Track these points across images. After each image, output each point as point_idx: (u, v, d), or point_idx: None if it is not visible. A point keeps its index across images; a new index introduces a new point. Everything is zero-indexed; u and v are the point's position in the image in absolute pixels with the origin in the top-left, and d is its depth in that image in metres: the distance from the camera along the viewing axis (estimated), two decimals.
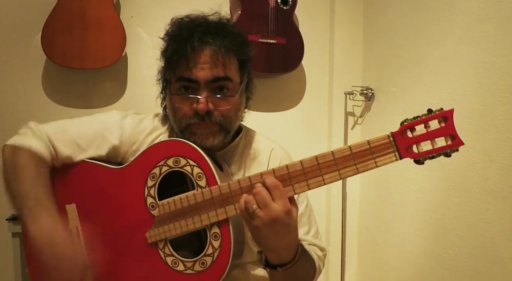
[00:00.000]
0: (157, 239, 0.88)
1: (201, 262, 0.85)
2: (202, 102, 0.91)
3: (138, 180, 0.91)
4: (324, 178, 0.79)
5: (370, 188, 2.40)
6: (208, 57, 0.91)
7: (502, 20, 1.48)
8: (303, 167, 0.80)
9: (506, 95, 1.46)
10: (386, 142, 0.77)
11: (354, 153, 0.78)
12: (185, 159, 0.87)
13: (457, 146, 0.76)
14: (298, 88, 2.53)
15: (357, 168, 0.78)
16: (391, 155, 0.78)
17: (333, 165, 0.78)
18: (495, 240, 1.50)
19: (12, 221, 1.82)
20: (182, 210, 0.86)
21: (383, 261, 2.25)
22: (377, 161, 0.78)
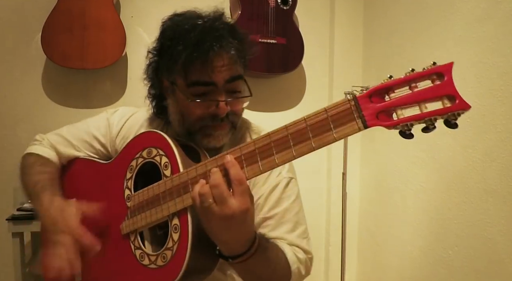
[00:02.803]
0: (129, 230, 0.87)
1: (162, 256, 0.80)
2: (223, 107, 0.89)
3: (120, 173, 0.92)
4: (276, 158, 0.67)
5: (370, 188, 2.40)
6: (226, 60, 0.90)
7: (502, 20, 1.48)
8: (256, 147, 0.70)
9: (506, 95, 1.46)
10: (346, 108, 0.62)
11: (310, 125, 0.65)
12: (156, 149, 0.86)
13: (459, 109, 0.56)
14: (298, 88, 2.53)
15: (312, 142, 0.64)
16: (352, 123, 0.61)
17: (286, 142, 0.66)
18: (495, 240, 1.50)
19: (12, 221, 1.82)
20: (148, 200, 0.84)
21: (383, 261, 2.25)
22: (335, 132, 0.62)
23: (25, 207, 1.89)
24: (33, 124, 2.19)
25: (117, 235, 0.89)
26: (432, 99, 0.57)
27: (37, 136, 1.13)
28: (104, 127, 1.06)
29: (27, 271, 1.94)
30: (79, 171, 1.05)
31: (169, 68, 0.94)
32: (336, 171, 2.44)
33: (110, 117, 1.08)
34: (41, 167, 1.02)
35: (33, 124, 2.19)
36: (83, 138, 1.07)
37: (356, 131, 0.62)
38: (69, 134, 1.08)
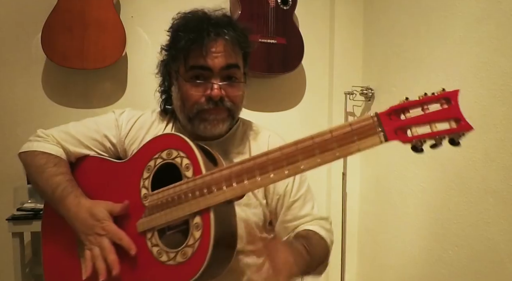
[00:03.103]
0: (146, 228, 0.89)
1: (182, 253, 0.83)
2: (217, 88, 0.96)
3: (136, 173, 0.94)
4: (302, 164, 0.74)
5: (370, 188, 2.40)
6: (221, 47, 0.97)
7: (502, 20, 1.48)
8: (282, 153, 0.76)
9: (506, 95, 1.46)
10: (369, 123, 0.70)
11: (335, 137, 0.73)
12: (176, 151, 0.89)
13: (464, 130, 0.65)
14: (298, 88, 2.53)
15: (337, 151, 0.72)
16: (375, 136, 0.69)
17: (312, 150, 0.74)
18: (495, 240, 1.50)
19: (12, 221, 1.83)
20: (169, 199, 0.87)
21: (383, 261, 2.25)
22: (359, 143, 0.70)
23: (25, 207, 1.90)
24: (33, 124, 2.19)
25: (133, 233, 0.91)
26: (441, 120, 0.66)
27: (39, 132, 1.09)
28: (114, 128, 1.07)
29: (27, 271, 1.94)
30: (91, 169, 1.04)
31: (173, 56, 1.02)
32: (336, 171, 2.44)
33: (118, 118, 1.09)
34: (56, 168, 1.00)
35: (33, 124, 2.19)
36: (94, 137, 1.06)
37: (377, 144, 0.70)
38: (78, 133, 1.06)
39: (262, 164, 0.78)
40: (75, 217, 0.94)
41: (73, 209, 0.94)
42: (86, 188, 1.01)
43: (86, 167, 1.05)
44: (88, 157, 1.06)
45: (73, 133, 1.06)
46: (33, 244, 2.15)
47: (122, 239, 0.89)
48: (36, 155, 1.03)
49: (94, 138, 1.06)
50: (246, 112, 1.11)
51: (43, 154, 1.03)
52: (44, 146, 1.04)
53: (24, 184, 1.99)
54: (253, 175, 0.78)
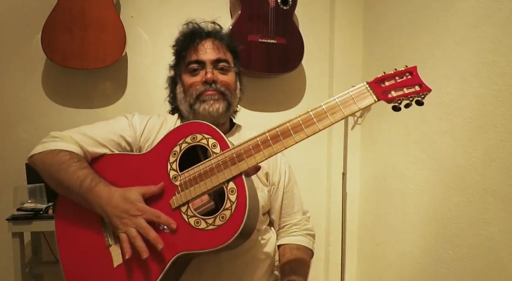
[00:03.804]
0: (180, 203, 0.98)
1: (221, 216, 0.93)
2: (209, 71, 1.18)
3: (161, 159, 1.03)
4: (318, 125, 0.93)
5: (370, 188, 2.40)
6: (210, 44, 1.21)
7: (502, 20, 1.48)
8: (300, 119, 0.95)
9: (506, 95, 1.46)
10: (363, 89, 0.94)
11: (339, 101, 0.94)
12: (200, 135, 1.01)
13: (425, 91, 0.94)
14: (298, 88, 2.53)
15: (343, 112, 0.93)
16: (369, 97, 0.93)
17: (323, 113, 0.93)
18: (495, 240, 1.50)
19: (12, 221, 1.82)
20: (201, 174, 0.98)
21: (383, 261, 2.25)
22: (358, 103, 0.93)
23: (25, 207, 1.90)
24: (33, 124, 2.19)
25: (167, 210, 0.98)
26: (409, 85, 0.95)
27: (53, 134, 1.13)
28: (129, 129, 1.17)
29: (27, 271, 1.94)
30: (111, 164, 1.09)
31: (177, 62, 1.26)
32: (336, 171, 2.44)
33: (131, 120, 1.19)
34: (79, 163, 1.05)
35: (33, 124, 2.19)
36: (111, 138, 1.13)
37: (372, 103, 0.94)
38: (93, 134, 1.11)
39: (283, 129, 0.95)
40: (108, 202, 0.98)
41: (104, 195, 0.99)
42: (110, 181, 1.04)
43: (105, 163, 1.10)
44: (106, 155, 1.11)
45: (89, 134, 1.11)
46: (33, 244, 2.15)
47: (160, 216, 0.96)
48: (57, 153, 1.06)
49: (111, 138, 1.13)
50: (247, 112, 1.14)
51: (65, 152, 1.06)
52: (64, 145, 1.08)
53: (24, 184, 1.99)
54: (277, 139, 0.95)
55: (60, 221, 1.09)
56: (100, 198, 0.99)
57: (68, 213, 1.08)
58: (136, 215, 0.96)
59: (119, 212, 0.97)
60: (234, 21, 2.24)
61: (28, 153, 1.13)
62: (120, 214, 0.97)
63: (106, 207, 0.98)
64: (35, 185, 1.96)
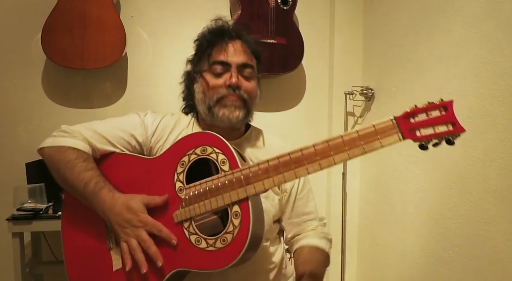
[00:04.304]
0: (183, 218, 0.95)
1: (222, 239, 0.91)
2: (235, 76, 1.11)
3: (169, 168, 1.00)
4: (334, 158, 0.87)
5: (370, 188, 2.40)
6: (239, 46, 1.14)
7: (502, 20, 1.48)
8: (315, 149, 0.88)
9: (506, 95, 1.46)
10: (389, 125, 0.85)
11: (361, 135, 0.87)
12: (211, 148, 0.97)
13: (458, 132, 0.81)
14: (298, 88, 2.53)
15: (364, 148, 0.87)
16: (394, 135, 0.85)
17: (342, 146, 0.87)
18: (495, 240, 1.50)
19: (12, 221, 1.82)
20: (206, 191, 0.94)
21: (383, 261, 2.25)
22: (381, 141, 0.86)
23: (25, 207, 1.89)
24: (33, 124, 2.19)
25: (169, 223, 0.96)
26: (441, 124, 0.83)
27: (64, 128, 1.11)
28: (140, 128, 1.13)
29: (27, 271, 1.94)
30: (119, 165, 1.08)
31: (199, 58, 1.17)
32: (336, 171, 2.44)
33: (144, 119, 1.15)
34: (86, 163, 1.03)
35: (33, 124, 2.19)
36: (120, 136, 1.10)
37: (397, 141, 0.85)
38: (104, 131, 1.09)
39: (297, 158, 0.89)
40: (111, 209, 0.97)
41: (108, 201, 0.98)
42: (115, 183, 1.04)
43: (113, 163, 1.08)
44: (115, 154, 1.09)
45: (99, 131, 1.09)
46: (33, 244, 2.15)
47: (161, 230, 0.95)
48: (65, 150, 1.05)
49: (121, 136, 1.10)
50: None
51: (72, 150, 1.05)
52: (72, 141, 1.06)
53: (24, 184, 1.99)
54: (289, 168, 0.89)
55: (66, 220, 1.10)
56: (104, 204, 0.98)
57: (74, 213, 1.09)
58: (138, 226, 0.95)
59: (121, 221, 0.96)
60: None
61: (28, 153, 1.13)
62: (122, 223, 0.96)
63: (108, 213, 0.98)
64: (35, 185, 1.96)
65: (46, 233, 2.15)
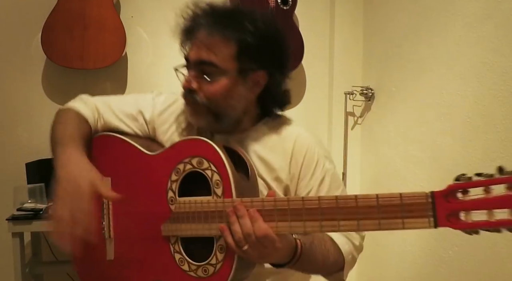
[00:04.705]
0: (170, 234, 0.90)
1: (203, 269, 0.85)
2: (186, 79, 0.94)
3: (165, 171, 0.92)
4: (339, 224, 0.70)
5: (370, 188, 2.40)
6: (199, 39, 0.91)
7: (502, 20, 1.48)
8: (320, 206, 0.72)
9: (506, 95, 1.46)
10: (422, 202, 0.64)
11: (381, 205, 0.66)
12: (208, 162, 0.86)
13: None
14: (298, 88, 2.53)
15: (379, 223, 0.66)
16: (424, 219, 0.63)
17: (353, 213, 0.68)
18: (495, 240, 1.50)
19: (12, 221, 1.82)
20: (195, 213, 0.86)
21: (383, 261, 2.25)
22: (405, 222, 0.64)
23: (25, 207, 1.89)
24: (33, 124, 2.19)
25: (157, 233, 0.91)
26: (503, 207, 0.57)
27: (82, 96, 1.13)
28: (150, 106, 1.08)
29: (27, 271, 1.93)
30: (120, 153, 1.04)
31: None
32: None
33: (155, 98, 1.10)
34: (79, 124, 1.03)
35: (33, 124, 2.19)
36: (129, 112, 1.08)
37: (425, 227, 0.64)
38: (116, 106, 1.09)
39: (296, 210, 0.73)
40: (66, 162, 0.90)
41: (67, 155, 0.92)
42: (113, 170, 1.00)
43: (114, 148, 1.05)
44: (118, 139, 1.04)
45: (112, 106, 1.09)
46: (33, 244, 2.15)
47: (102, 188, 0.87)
48: (68, 111, 1.08)
49: (130, 113, 1.08)
50: None
51: (75, 112, 1.06)
52: (81, 107, 1.08)
53: (24, 184, 1.99)
54: (284, 218, 0.74)
55: None
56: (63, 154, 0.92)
57: None
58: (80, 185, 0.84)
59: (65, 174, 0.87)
60: None
61: (28, 153, 1.14)
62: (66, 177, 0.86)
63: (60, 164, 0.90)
64: (35, 185, 1.96)
65: (46, 233, 2.15)
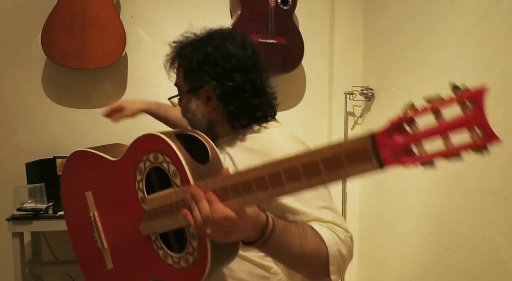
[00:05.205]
0: (148, 232, 0.90)
1: (184, 260, 0.85)
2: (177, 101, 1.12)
3: (130, 174, 0.93)
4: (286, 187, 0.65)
5: (370, 188, 2.40)
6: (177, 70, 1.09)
7: (502, 20, 1.48)
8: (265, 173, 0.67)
9: (506, 95, 1.46)
10: (362, 145, 0.58)
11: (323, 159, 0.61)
12: (162, 155, 0.86)
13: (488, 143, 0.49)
14: (298, 88, 2.53)
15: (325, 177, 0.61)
16: (366, 163, 0.58)
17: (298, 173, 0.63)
18: (495, 240, 1.50)
19: (12, 221, 1.82)
20: (163, 207, 0.85)
21: (383, 261, 2.25)
22: (348, 169, 0.59)
23: (25, 207, 1.89)
24: (33, 124, 2.19)
25: (139, 235, 0.92)
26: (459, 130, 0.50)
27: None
28: None
29: (27, 271, 1.94)
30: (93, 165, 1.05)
31: None
32: None
33: None
34: None
35: (33, 124, 2.19)
36: None
37: (371, 170, 0.59)
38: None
39: (246, 183, 0.69)
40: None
41: None
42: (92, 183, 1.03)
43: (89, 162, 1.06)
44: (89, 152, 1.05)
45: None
46: (33, 244, 2.15)
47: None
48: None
49: None
50: None
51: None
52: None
53: (24, 184, 1.99)
54: (238, 194, 0.70)
55: (66, 218, 1.14)
56: None
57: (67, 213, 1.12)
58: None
59: None
60: (234, 21, 2.24)
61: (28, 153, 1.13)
62: None
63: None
64: (35, 185, 1.96)
65: (46, 233, 2.15)
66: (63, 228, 1.17)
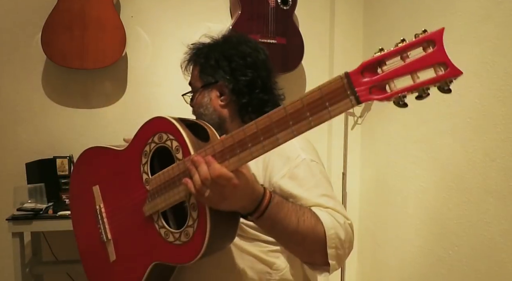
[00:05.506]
0: (151, 212, 0.92)
1: (185, 234, 0.87)
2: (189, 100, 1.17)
3: (135, 159, 0.97)
4: (278, 137, 0.71)
5: (370, 188, 2.40)
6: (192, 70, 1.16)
7: (502, 20, 1.48)
8: (258, 129, 0.74)
9: (506, 95, 1.46)
10: (339, 85, 0.64)
11: (306, 104, 0.67)
12: (165, 134, 0.90)
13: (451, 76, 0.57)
14: (298, 88, 2.53)
15: (310, 121, 0.68)
16: (346, 101, 0.63)
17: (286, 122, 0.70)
18: (495, 240, 1.50)
19: (12, 221, 1.82)
20: (166, 183, 0.89)
21: (383, 261, 2.25)
22: (331, 110, 0.65)
23: (25, 207, 1.89)
24: (33, 124, 2.19)
25: (142, 218, 0.95)
26: (424, 68, 0.57)
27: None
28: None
29: (27, 271, 1.94)
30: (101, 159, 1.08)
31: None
32: (336, 171, 2.44)
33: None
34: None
35: (33, 124, 2.19)
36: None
37: (350, 107, 0.64)
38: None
39: (241, 141, 0.76)
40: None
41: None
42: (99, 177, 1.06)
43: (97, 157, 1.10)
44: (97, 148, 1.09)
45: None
46: (33, 244, 2.15)
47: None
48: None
49: None
50: None
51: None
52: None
53: (24, 184, 1.99)
54: (234, 153, 0.76)
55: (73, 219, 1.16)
56: None
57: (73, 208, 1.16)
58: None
59: None
60: (234, 21, 2.24)
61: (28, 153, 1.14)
62: None
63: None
64: (35, 185, 1.96)
65: (46, 233, 2.15)
66: (63, 228, 1.18)
